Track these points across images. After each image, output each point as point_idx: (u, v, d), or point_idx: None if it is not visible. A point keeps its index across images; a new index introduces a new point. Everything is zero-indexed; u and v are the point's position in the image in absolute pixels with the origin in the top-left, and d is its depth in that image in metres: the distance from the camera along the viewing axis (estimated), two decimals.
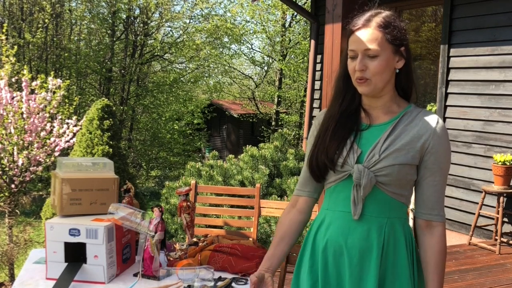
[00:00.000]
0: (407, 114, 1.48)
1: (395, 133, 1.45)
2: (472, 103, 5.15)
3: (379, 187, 1.43)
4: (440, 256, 1.45)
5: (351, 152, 1.46)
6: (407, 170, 1.43)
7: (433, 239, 1.46)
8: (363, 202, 1.44)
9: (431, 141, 1.43)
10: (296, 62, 18.67)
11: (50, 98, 5.16)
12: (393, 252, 1.44)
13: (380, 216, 1.44)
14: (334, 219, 1.49)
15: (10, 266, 5.11)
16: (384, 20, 1.42)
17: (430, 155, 1.43)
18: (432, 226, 1.47)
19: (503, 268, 4.14)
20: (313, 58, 7.29)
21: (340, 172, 1.48)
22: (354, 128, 1.49)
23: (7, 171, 5.01)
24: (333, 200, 1.52)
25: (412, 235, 1.50)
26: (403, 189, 1.45)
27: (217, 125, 21.53)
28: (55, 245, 1.92)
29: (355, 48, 1.43)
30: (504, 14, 4.83)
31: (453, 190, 5.29)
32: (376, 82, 1.43)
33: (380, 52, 1.40)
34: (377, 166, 1.42)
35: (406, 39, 1.45)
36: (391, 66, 1.44)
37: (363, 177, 1.42)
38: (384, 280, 1.44)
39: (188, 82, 19.98)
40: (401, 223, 1.47)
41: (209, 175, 6.40)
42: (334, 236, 1.47)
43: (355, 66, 1.42)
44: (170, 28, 19.62)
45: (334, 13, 3.05)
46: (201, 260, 2.09)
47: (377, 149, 1.43)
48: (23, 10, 15.90)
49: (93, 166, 2.15)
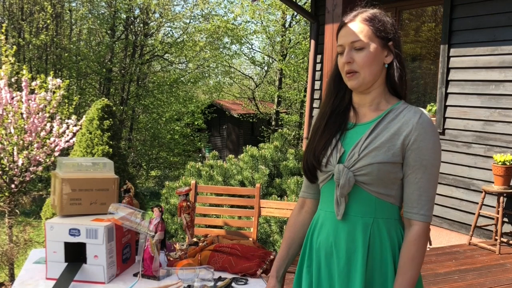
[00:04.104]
0: (393, 111, 1.45)
1: (377, 131, 1.43)
2: (472, 103, 5.15)
3: (362, 187, 1.41)
4: (410, 254, 1.38)
5: (334, 151, 1.46)
6: (388, 168, 1.39)
7: (408, 238, 1.40)
8: (346, 202, 1.43)
9: (412, 137, 1.38)
10: (296, 62, 18.67)
11: (50, 98, 5.16)
12: (380, 252, 1.42)
13: (365, 216, 1.42)
14: (325, 219, 1.50)
15: (10, 266, 5.11)
16: (370, 15, 1.44)
17: (411, 151, 1.38)
18: (410, 224, 1.41)
19: (503, 268, 4.14)
20: (313, 58, 7.29)
21: (325, 172, 1.48)
22: (342, 127, 1.49)
23: (7, 171, 5.01)
24: (323, 200, 1.53)
25: (403, 235, 1.46)
26: (388, 189, 1.42)
27: (217, 125, 21.52)
28: (55, 245, 1.92)
29: (342, 42, 1.44)
30: (504, 14, 4.83)
31: (453, 190, 5.29)
32: (364, 75, 1.42)
33: (366, 44, 1.41)
34: (356, 166, 1.40)
35: (394, 34, 1.45)
36: (379, 60, 1.43)
37: (341, 177, 1.41)
38: (373, 281, 1.42)
39: (188, 83, 19.98)
40: (388, 224, 1.43)
41: (209, 175, 6.40)
42: (325, 237, 1.48)
43: (343, 59, 1.43)
44: (170, 28, 19.63)
45: (334, 13, 3.06)
46: (201, 260, 2.09)
47: (357, 148, 1.42)
48: (23, 10, 15.89)
49: (93, 166, 2.15)
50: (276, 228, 5.67)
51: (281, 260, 1.63)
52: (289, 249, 1.63)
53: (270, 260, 2.09)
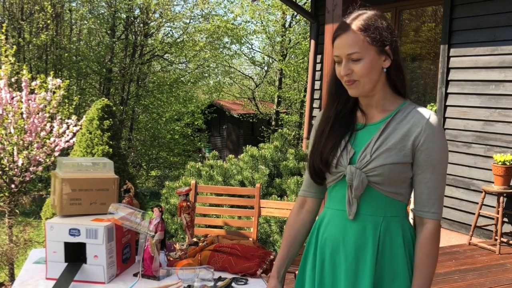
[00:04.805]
0: (401, 111, 1.47)
1: (387, 131, 1.45)
2: (472, 103, 5.15)
3: (374, 187, 1.44)
4: (426, 252, 1.43)
5: (344, 152, 1.47)
6: (399, 168, 1.42)
7: (422, 235, 1.45)
8: (357, 202, 1.45)
9: (422, 138, 1.41)
10: (296, 62, 18.67)
11: (50, 98, 5.16)
12: (390, 250, 1.44)
13: (375, 214, 1.45)
14: (333, 217, 1.52)
15: (10, 266, 5.11)
16: (364, 23, 1.42)
17: (421, 152, 1.42)
18: (423, 222, 1.46)
19: (503, 268, 4.14)
20: (313, 58, 7.29)
21: (335, 173, 1.49)
22: (350, 128, 1.51)
23: (7, 171, 5.01)
24: (332, 199, 1.55)
25: (412, 233, 1.50)
26: (399, 188, 1.45)
27: (217, 125, 21.52)
28: (55, 245, 1.92)
29: (338, 53, 1.44)
30: (504, 14, 4.82)
31: (453, 190, 5.29)
32: (364, 83, 1.43)
33: (363, 55, 1.41)
34: (368, 167, 1.42)
35: (390, 38, 1.44)
36: (377, 67, 1.44)
37: (354, 178, 1.43)
38: (382, 278, 1.44)
39: (188, 83, 19.97)
40: (399, 221, 1.47)
41: (209, 175, 6.40)
42: (332, 234, 1.50)
43: (341, 71, 1.44)
44: (170, 28, 19.63)
45: (334, 13, 3.06)
46: (201, 260, 2.09)
47: (369, 149, 1.44)
48: (23, 10, 15.89)
49: (93, 166, 2.15)
50: (276, 228, 5.67)
51: (282, 260, 1.63)
52: (290, 249, 1.63)
53: (270, 260, 2.09)
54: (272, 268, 1.69)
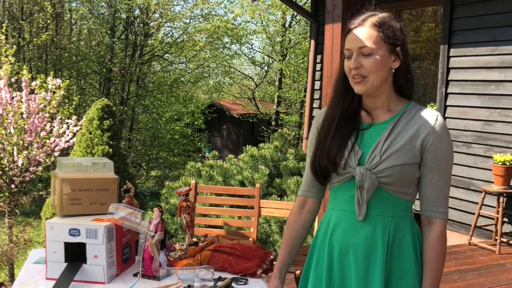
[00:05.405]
0: (407, 111, 1.48)
1: (395, 132, 1.45)
2: (472, 103, 5.15)
3: (383, 187, 1.44)
4: (436, 252, 1.45)
5: (352, 153, 1.47)
6: (408, 169, 1.43)
7: (431, 235, 1.47)
8: (367, 203, 1.45)
9: (430, 139, 1.43)
10: (296, 62, 18.66)
11: (50, 98, 5.16)
12: (398, 248, 1.45)
13: (384, 215, 1.46)
14: (340, 218, 1.51)
15: (10, 266, 5.11)
16: (379, 20, 1.44)
17: (429, 153, 1.44)
18: (431, 222, 1.47)
19: (503, 268, 4.14)
20: (313, 58, 7.29)
21: (343, 174, 1.49)
22: (355, 128, 1.50)
23: (7, 171, 5.01)
24: (337, 200, 1.53)
25: (419, 231, 1.51)
26: (407, 187, 1.46)
27: (217, 125, 21.52)
28: (55, 245, 1.92)
29: (350, 47, 1.44)
30: (504, 14, 4.82)
31: (453, 190, 5.29)
32: (372, 80, 1.43)
33: (375, 50, 1.41)
34: (378, 168, 1.42)
35: (402, 40, 1.45)
36: (386, 65, 1.44)
37: (365, 180, 1.42)
38: (390, 276, 1.45)
39: (188, 83, 19.97)
40: (407, 220, 1.48)
41: (209, 175, 6.40)
42: (341, 236, 1.49)
43: (350, 65, 1.43)
44: (170, 28, 19.63)
45: (334, 13, 3.06)
46: (201, 260, 2.09)
47: (378, 150, 1.44)
48: (23, 10, 15.89)
49: (93, 166, 2.15)
50: (276, 228, 5.67)
51: (283, 261, 1.63)
52: (291, 249, 1.63)
53: (270, 260, 2.09)
54: (272, 268, 1.69)
